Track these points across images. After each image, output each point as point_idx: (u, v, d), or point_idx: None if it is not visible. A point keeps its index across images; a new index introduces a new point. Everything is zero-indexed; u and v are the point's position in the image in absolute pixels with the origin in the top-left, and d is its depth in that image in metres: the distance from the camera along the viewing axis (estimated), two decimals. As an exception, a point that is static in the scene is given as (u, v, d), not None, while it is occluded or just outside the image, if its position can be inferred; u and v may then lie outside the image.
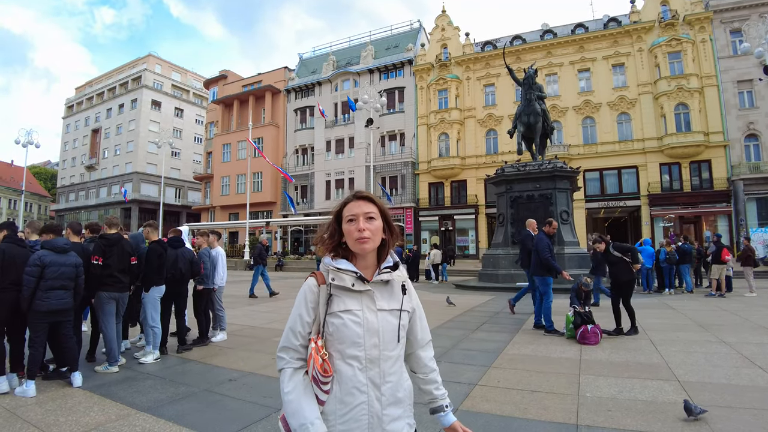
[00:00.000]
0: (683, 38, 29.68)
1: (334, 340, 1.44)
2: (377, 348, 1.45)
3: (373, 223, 1.49)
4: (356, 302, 1.47)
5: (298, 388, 1.42)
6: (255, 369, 5.50)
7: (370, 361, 1.44)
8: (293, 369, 1.45)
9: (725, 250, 13.39)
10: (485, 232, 33.84)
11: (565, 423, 3.72)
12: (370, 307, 1.47)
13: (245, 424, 3.75)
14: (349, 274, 1.47)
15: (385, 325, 1.47)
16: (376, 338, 1.45)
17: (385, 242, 1.55)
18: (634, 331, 7.34)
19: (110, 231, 5.74)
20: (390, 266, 1.55)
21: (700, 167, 29.47)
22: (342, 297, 1.47)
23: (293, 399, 1.40)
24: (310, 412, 1.38)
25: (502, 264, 16.49)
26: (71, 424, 3.74)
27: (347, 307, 1.45)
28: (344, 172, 39.58)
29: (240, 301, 12.49)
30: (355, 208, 1.51)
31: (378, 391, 1.44)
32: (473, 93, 36.20)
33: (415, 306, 1.63)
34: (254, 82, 47.81)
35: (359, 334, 1.43)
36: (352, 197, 1.55)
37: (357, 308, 1.46)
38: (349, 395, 1.42)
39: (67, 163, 63.92)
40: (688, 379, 4.87)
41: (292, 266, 32.45)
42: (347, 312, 1.45)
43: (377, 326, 1.46)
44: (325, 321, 1.46)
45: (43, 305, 4.64)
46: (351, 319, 1.44)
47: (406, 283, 1.60)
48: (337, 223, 1.54)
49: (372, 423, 1.43)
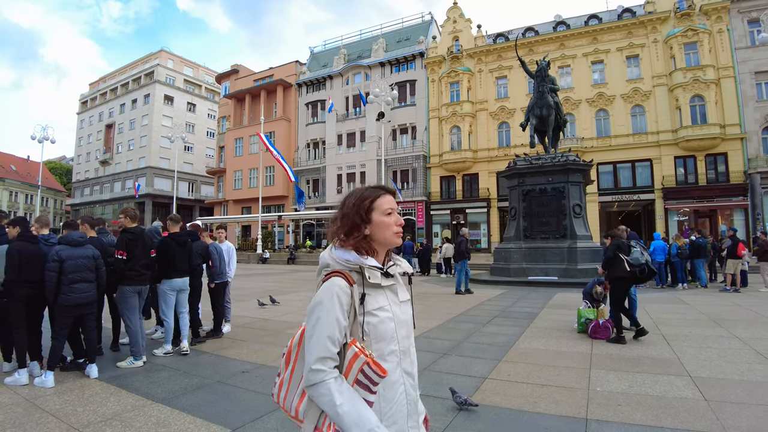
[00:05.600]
0: (699, 28, 29.13)
1: (371, 339, 1.41)
2: (407, 339, 1.51)
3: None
4: (384, 298, 1.47)
5: (352, 398, 1.32)
6: (267, 361, 5.57)
7: (403, 353, 1.48)
8: (334, 379, 1.32)
9: (741, 244, 13.20)
10: (497, 226, 33.72)
11: (575, 417, 3.73)
12: (394, 300, 1.50)
13: (258, 415, 3.80)
14: (378, 271, 1.46)
15: (407, 317, 1.54)
16: (404, 329, 1.50)
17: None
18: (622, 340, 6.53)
19: (132, 224, 5.67)
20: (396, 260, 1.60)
21: (716, 160, 29.02)
22: (373, 295, 1.44)
23: (350, 410, 1.30)
24: (373, 417, 1.32)
25: (514, 258, 16.44)
26: (89, 413, 3.83)
27: (380, 305, 1.44)
28: (356, 166, 39.64)
29: (253, 295, 12.59)
30: (392, 203, 1.54)
31: (412, 379, 1.50)
32: (485, 85, 35.95)
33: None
34: (266, 77, 47.95)
35: (393, 329, 1.45)
36: (384, 191, 1.55)
37: (386, 304, 1.46)
38: (391, 390, 1.43)
39: (82, 158, 64.80)
40: (699, 374, 4.84)
41: (303, 259, 32.59)
42: (381, 309, 1.44)
43: (403, 318, 1.50)
44: (364, 321, 1.41)
45: (68, 299, 4.76)
46: (386, 315, 1.44)
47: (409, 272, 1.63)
48: (360, 218, 1.49)
49: (410, 410, 1.48)
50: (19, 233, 5.03)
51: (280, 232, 43.01)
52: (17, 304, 4.76)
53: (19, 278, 4.72)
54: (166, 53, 59.58)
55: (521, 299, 11.57)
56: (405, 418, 1.45)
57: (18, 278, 4.72)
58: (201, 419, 3.72)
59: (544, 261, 15.82)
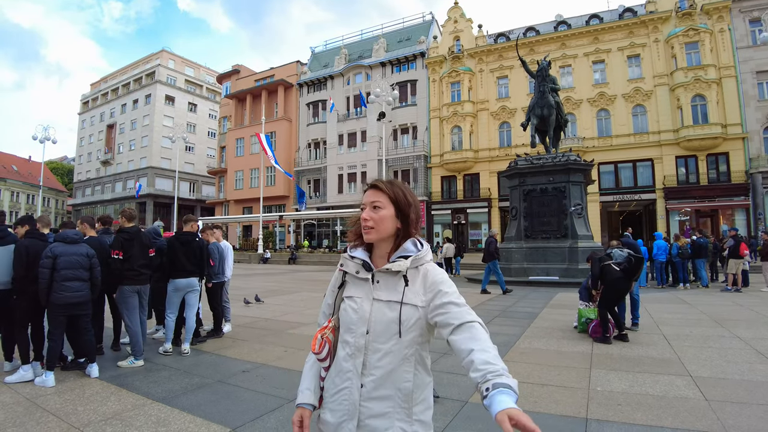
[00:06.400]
0: (701, 28, 29.09)
1: (340, 323, 1.53)
2: (365, 337, 1.43)
3: (378, 212, 1.48)
4: (360, 290, 1.50)
5: (309, 362, 1.60)
6: (268, 361, 5.57)
7: (357, 350, 1.44)
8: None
9: (743, 244, 13.20)
10: (498, 226, 33.67)
11: (575, 417, 3.73)
12: (369, 296, 1.48)
13: (258, 414, 3.80)
14: (356, 262, 1.52)
15: (378, 316, 1.43)
16: (365, 327, 1.44)
17: (399, 231, 1.51)
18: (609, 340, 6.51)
19: (129, 224, 5.69)
20: (403, 257, 1.47)
21: (717, 160, 28.97)
22: (351, 283, 1.54)
23: (304, 370, 1.61)
24: (304, 382, 1.58)
25: (515, 258, 16.42)
26: (89, 413, 3.83)
27: (350, 294, 1.52)
28: (356, 166, 39.65)
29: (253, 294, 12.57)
30: (365, 197, 1.54)
31: (359, 381, 1.42)
32: (486, 85, 35.93)
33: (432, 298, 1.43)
34: (267, 77, 47.98)
35: (353, 321, 1.46)
36: (367, 185, 1.57)
37: (359, 296, 1.49)
38: (338, 377, 1.47)
39: (83, 158, 64.92)
40: (700, 374, 4.83)
41: (304, 259, 32.61)
42: (350, 298, 1.51)
43: (368, 316, 1.44)
44: (337, 305, 1.57)
45: (60, 298, 4.72)
46: (350, 305, 1.50)
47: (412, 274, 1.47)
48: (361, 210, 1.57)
49: (351, 411, 1.41)
50: (27, 231, 5.06)
51: (281, 232, 43.05)
52: (27, 302, 4.78)
53: (28, 275, 4.73)
54: (168, 53, 59.65)
55: (522, 299, 11.56)
56: (342, 414, 1.43)
57: (27, 275, 4.72)
58: (201, 419, 3.72)
59: (545, 261, 15.81)
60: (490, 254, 12.88)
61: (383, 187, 1.52)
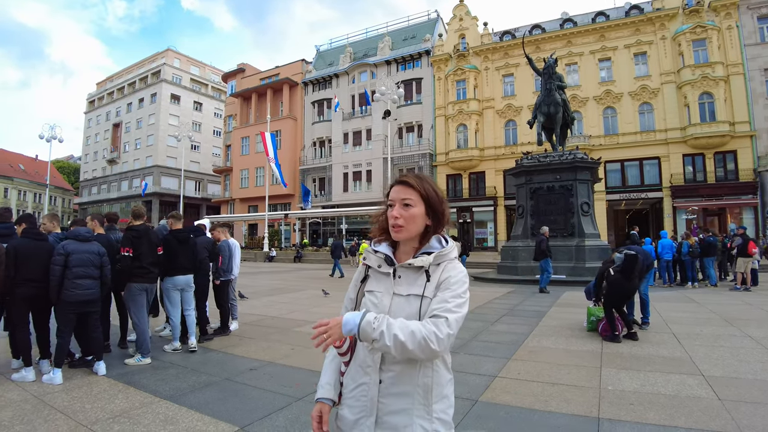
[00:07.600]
0: (708, 25, 28.81)
1: None
2: None
3: (409, 210, 1.45)
4: (381, 284, 1.49)
5: (330, 356, 1.59)
6: (275, 359, 5.55)
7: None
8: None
9: (752, 242, 13.08)
10: (504, 224, 33.60)
11: (586, 416, 3.69)
12: (390, 290, 1.46)
13: (266, 412, 3.78)
14: (379, 256, 1.51)
15: (397, 311, 1.42)
16: None
17: (429, 228, 1.50)
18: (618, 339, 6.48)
19: (137, 222, 5.66)
20: (427, 253, 1.46)
21: (725, 158, 28.68)
22: (373, 278, 1.53)
23: (324, 364, 1.60)
24: (324, 376, 1.56)
25: (521, 256, 16.34)
26: (97, 410, 3.82)
27: (371, 288, 1.51)
28: (362, 164, 39.61)
29: (259, 292, 12.58)
30: (393, 194, 1.50)
31: (377, 377, 1.41)
32: (492, 83, 35.78)
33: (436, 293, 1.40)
34: (272, 75, 47.98)
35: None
36: (395, 181, 1.53)
37: (379, 290, 1.49)
38: (357, 373, 1.46)
39: (90, 157, 65.20)
40: (712, 373, 4.77)
41: (310, 258, 32.63)
42: (371, 293, 1.50)
43: (387, 310, 1.43)
44: (359, 299, 1.57)
45: (71, 296, 4.71)
46: (371, 299, 1.49)
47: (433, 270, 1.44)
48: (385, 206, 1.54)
49: (369, 407, 1.41)
50: (24, 230, 4.98)
51: (286, 230, 43.12)
52: (17, 303, 4.72)
53: (18, 276, 4.64)
54: (173, 52, 59.81)
55: (529, 297, 11.51)
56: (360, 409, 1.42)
57: (16, 276, 4.63)
58: (209, 417, 3.70)
59: (552, 259, 15.70)
60: (541, 252, 12.78)
61: (414, 184, 1.48)
